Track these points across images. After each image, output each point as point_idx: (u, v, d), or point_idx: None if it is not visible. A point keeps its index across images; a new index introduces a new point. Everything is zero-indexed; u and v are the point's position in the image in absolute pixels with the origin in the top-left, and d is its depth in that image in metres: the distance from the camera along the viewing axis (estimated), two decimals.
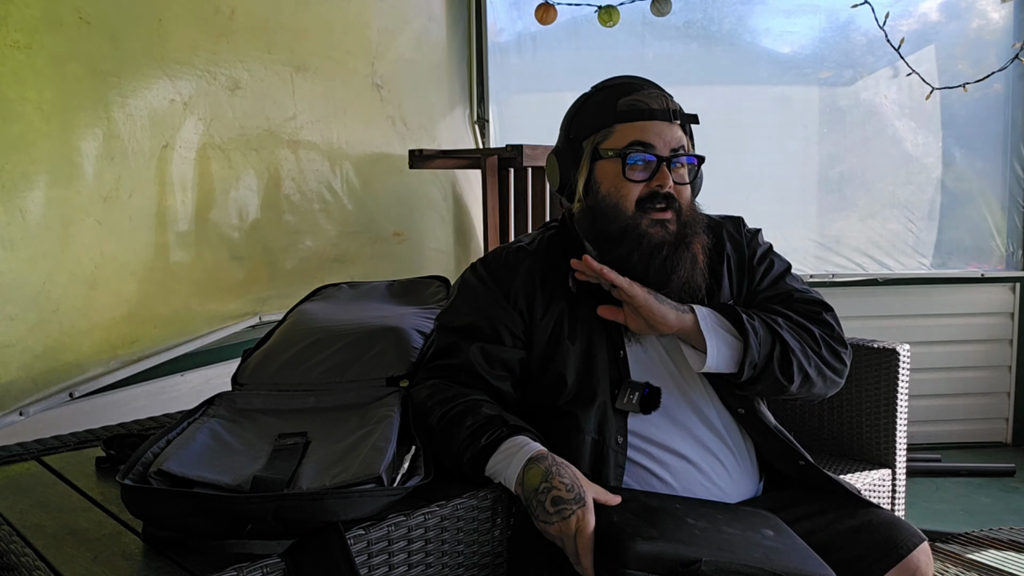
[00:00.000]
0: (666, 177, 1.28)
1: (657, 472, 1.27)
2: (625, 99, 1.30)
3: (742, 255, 1.42)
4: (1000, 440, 3.37)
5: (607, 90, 1.34)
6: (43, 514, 1.09)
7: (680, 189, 1.30)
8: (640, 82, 1.35)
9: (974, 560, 2.32)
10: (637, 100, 1.30)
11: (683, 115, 1.32)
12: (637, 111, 1.29)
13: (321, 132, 2.61)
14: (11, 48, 1.75)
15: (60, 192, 1.87)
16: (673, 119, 1.29)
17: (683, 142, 1.31)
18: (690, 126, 1.36)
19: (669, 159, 1.28)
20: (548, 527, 1.06)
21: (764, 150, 3.26)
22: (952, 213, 3.32)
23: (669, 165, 1.28)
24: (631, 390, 1.27)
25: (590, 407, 1.27)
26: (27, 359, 1.83)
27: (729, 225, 1.45)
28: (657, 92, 1.32)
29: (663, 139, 1.28)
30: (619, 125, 1.30)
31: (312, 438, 1.18)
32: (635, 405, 1.27)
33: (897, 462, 1.87)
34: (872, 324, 3.26)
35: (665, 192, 1.28)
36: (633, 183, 1.28)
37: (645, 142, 1.28)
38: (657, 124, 1.28)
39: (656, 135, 1.28)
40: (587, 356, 1.30)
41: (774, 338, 1.27)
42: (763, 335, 1.27)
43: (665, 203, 1.28)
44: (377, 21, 2.82)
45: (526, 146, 2.64)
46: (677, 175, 1.30)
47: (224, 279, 2.33)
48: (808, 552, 1.10)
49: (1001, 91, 3.25)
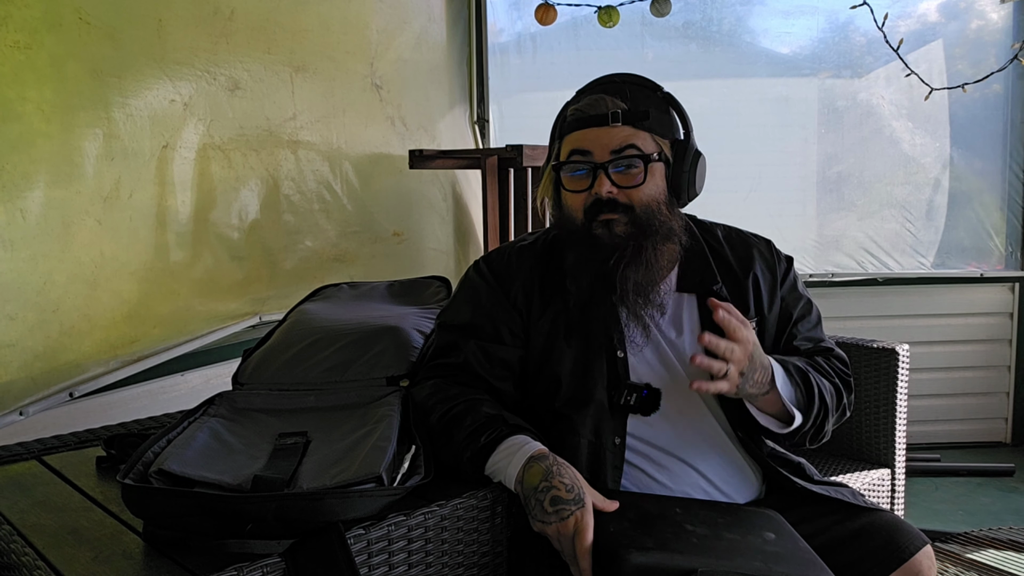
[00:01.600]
0: (602, 183, 1.25)
1: (655, 475, 1.27)
2: (571, 108, 1.31)
3: (774, 280, 1.39)
4: (999, 440, 3.37)
5: (575, 100, 1.34)
6: (43, 513, 1.09)
7: (630, 192, 1.27)
8: (597, 85, 1.33)
9: (974, 560, 2.32)
10: (578, 109, 1.30)
11: (630, 114, 1.27)
12: (575, 120, 1.29)
13: (321, 132, 2.61)
14: (11, 48, 1.76)
15: (60, 192, 1.87)
16: (612, 122, 1.26)
17: (630, 141, 1.26)
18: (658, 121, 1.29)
19: (606, 164, 1.26)
20: (546, 527, 1.06)
21: (763, 150, 3.27)
22: (951, 213, 3.32)
23: (608, 169, 1.26)
24: (630, 391, 1.27)
25: (585, 409, 1.27)
26: (27, 359, 1.83)
27: (762, 246, 1.42)
28: (599, 96, 1.29)
29: (600, 144, 1.26)
30: (565, 136, 1.31)
31: (312, 438, 1.18)
32: (634, 406, 1.26)
33: (896, 462, 1.88)
34: (872, 324, 3.27)
35: (606, 199, 1.25)
36: (575, 193, 1.29)
37: (582, 150, 1.27)
38: (593, 131, 1.27)
39: (592, 141, 1.27)
40: (583, 358, 1.29)
41: (821, 407, 1.27)
42: (817, 406, 1.26)
43: (608, 209, 1.26)
44: (377, 21, 2.82)
45: (526, 146, 2.64)
46: (624, 178, 1.27)
47: (224, 279, 2.33)
48: (810, 556, 1.10)
49: (1000, 91, 3.25)
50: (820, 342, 1.40)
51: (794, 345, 1.37)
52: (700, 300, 1.33)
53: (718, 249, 1.39)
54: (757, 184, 3.25)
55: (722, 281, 1.35)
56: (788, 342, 1.38)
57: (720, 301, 1.18)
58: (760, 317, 1.36)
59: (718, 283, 1.34)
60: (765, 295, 1.37)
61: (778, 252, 1.43)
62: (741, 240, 1.42)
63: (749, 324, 1.18)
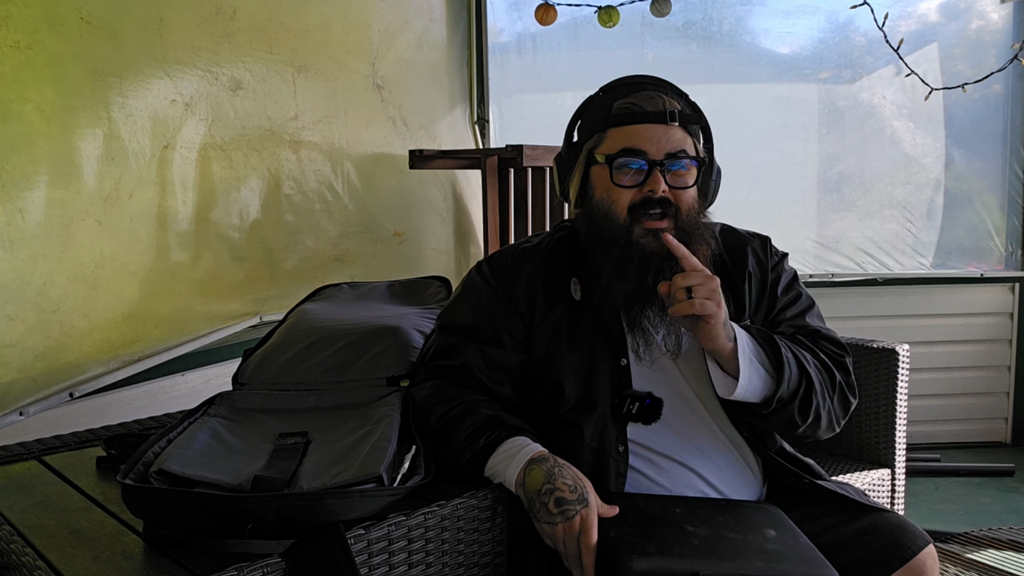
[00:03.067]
0: (658, 181, 1.23)
1: (656, 478, 1.26)
2: (620, 101, 1.27)
3: (765, 277, 1.37)
4: (999, 440, 3.37)
5: (610, 92, 1.32)
6: (44, 514, 1.09)
7: (679, 194, 1.25)
8: (643, 82, 1.31)
9: (973, 560, 2.32)
10: (631, 103, 1.26)
11: (685, 116, 1.27)
12: (629, 114, 1.26)
13: (322, 132, 2.61)
14: (11, 48, 1.76)
15: (60, 192, 1.87)
16: (670, 120, 1.25)
17: (683, 145, 1.25)
18: (699, 127, 1.30)
19: (663, 163, 1.24)
20: (553, 528, 1.05)
21: (763, 150, 3.26)
22: (951, 213, 3.32)
23: (664, 169, 1.24)
24: (632, 400, 1.26)
25: (590, 416, 1.26)
26: (27, 359, 1.83)
27: (756, 243, 1.40)
28: (654, 93, 1.27)
29: (656, 143, 1.24)
30: (612, 130, 1.27)
31: (312, 438, 1.18)
32: (636, 415, 1.25)
33: (897, 462, 1.88)
34: (872, 324, 3.27)
35: (659, 197, 1.23)
36: (623, 188, 1.25)
37: (635, 148, 1.24)
38: (650, 128, 1.24)
39: (647, 139, 1.24)
40: (587, 365, 1.28)
41: (802, 376, 1.24)
42: (794, 371, 1.23)
43: (660, 208, 1.24)
44: (378, 22, 2.83)
45: (526, 146, 2.64)
46: (676, 179, 1.26)
47: (225, 279, 2.33)
48: (811, 552, 1.10)
49: (1000, 91, 3.25)
50: (805, 328, 1.36)
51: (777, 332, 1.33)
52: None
53: (716, 250, 1.36)
54: (757, 184, 3.25)
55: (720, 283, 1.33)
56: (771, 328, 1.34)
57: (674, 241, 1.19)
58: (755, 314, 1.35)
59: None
60: (755, 293, 1.36)
61: (773, 249, 1.42)
62: (737, 239, 1.40)
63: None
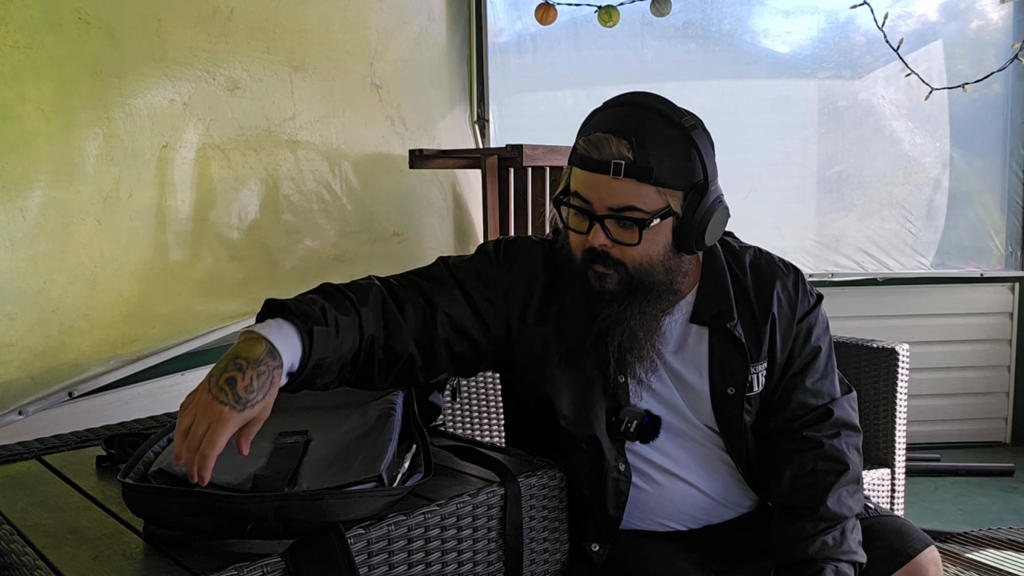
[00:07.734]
0: (596, 235, 1.16)
1: (652, 492, 1.26)
2: (584, 137, 1.18)
3: (793, 315, 1.28)
4: (999, 440, 3.38)
5: (595, 116, 1.21)
6: (44, 513, 1.09)
7: (623, 248, 1.17)
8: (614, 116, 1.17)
9: (973, 560, 2.32)
10: (588, 143, 1.16)
11: (635, 169, 1.12)
12: (580, 157, 1.17)
13: (320, 132, 2.61)
14: (11, 48, 1.75)
15: (60, 192, 1.87)
16: (615, 173, 1.13)
17: (631, 199, 1.14)
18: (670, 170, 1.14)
19: (603, 218, 1.15)
20: (199, 397, 0.98)
21: (763, 150, 3.27)
22: (951, 213, 3.32)
23: (604, 223, 1.16)
24: (630, 418, 1.23)
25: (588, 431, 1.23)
26: (27, 358, 1.83)
27: (788, 278, 1.30)
28: (605, 137, 1.14)
29: (598, 193, 1.15)
30: (574, 167, 1.20)
31: (313, 436, 1.18)
32: (633, 434, 1.23)
33: (896, 462, 1.88)
34: (871, 324, 3.27)
35: (600, 251, 1.17)
36: (575, 232, 1.20)
37: (582, 195, 1.17)
38: (594, 178, 1.15)
39: (591, 189, 1.16)
40: (580, 383, 1.24)
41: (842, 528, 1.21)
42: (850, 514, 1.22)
43: (601, 261, 1.18)
44: (376, 21, 2.82)
45: (526, 146, 2.64)
46: (620, 234, 1.16)
47: (224, 279, 2.33)
48: None
49: (1000, 91, 3.26)
50: (820, 402, 1.28)
51: (790, 397, 1.28)
52: (711, 334, 1.26)
53: (741, 279, 1.29)
54: (757, 184, 3.25)
55: (739, 317, 1.26)
56: (785, 393, 1.28)
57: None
58: (771, 358, 1.27)
59: (734, 319, 1.25)
60: (779, 336, 1.27)
61: (806, 288, 1.31)
62: (769, 270, 1.30)
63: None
